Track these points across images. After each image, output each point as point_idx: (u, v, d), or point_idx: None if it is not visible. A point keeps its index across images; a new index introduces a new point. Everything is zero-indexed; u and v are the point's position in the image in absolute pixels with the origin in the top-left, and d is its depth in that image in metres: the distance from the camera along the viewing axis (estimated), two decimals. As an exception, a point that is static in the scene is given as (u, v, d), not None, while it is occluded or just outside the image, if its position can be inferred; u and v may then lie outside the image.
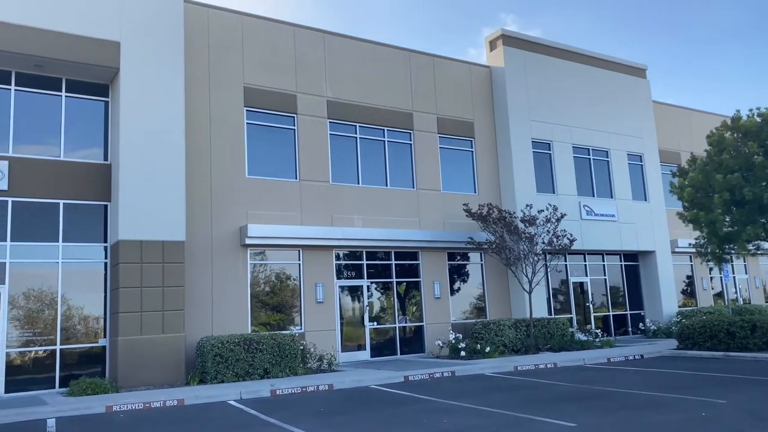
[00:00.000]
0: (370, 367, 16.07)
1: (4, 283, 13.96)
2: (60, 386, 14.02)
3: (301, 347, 16.20)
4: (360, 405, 11.19)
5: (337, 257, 18.63)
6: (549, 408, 9.94)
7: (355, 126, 19.65)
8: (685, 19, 74.07)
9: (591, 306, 23.62)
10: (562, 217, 20.00)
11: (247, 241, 16.70)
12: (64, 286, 14.59)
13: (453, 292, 20.55)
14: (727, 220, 16.63)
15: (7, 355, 13.82)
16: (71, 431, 9.81)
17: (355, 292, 18.90)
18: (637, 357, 17.13)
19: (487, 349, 17.64)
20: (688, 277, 27.01)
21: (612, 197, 24.21)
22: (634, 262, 25.33)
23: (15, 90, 14.79)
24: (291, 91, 18.54)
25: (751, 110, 17.00)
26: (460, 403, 10.71)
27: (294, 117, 18.56)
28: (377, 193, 19.54)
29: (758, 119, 16.56)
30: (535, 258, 19.38)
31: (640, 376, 13.50)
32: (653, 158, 25.70)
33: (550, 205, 20.22)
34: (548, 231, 19.61)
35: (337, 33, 19.89)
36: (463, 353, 17.53)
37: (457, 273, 20.86)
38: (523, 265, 19.49)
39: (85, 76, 15.36)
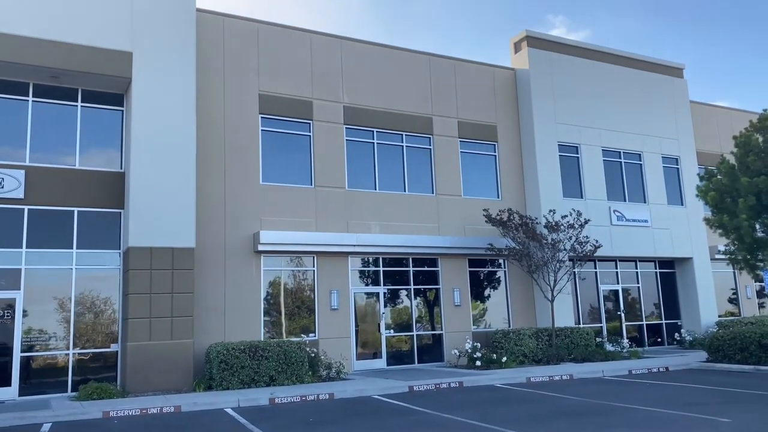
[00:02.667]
0: (381, 376, 15.82)
1: (19, 289, 14.35)
2: (72, 390, 14.28)
3: (313, 354, 16.11)
4: (352, 416, 10.97)
5: (353, 264, 18.46)
6: (539, 424, 9.52)
7: (373, 131, 19.49)
8: (740, 16, 71.22)
9: (623, 315, 22.74)
10: (585, 222, 19.33)
11: (260, 248, 16.71)
12: (78, 292, 14.90)
13: (474, 299, 20.11)
14: (757, 226, 15.68)
15: (22, 359, 14.18)
16: (62, 436, 9.95)
17: (371, 299, 18.70)
18: (661, 369, 16.35)
19: (504, 359, 17.15)
20: (734, 285, 25.75)
21: (645, 202, 23.29)
22: (670, 270, 24.31)
23: (33, 101, 15.22)
24: (307, 97, 18.52)
25: (781, 109, 16.07)
26: (451, 416, 10.37)
27: (310, 123, 18.54)
28: (395, 199, 19.31)
29: (789, 119, 15.64)
30: (558, 265, 18.77)
31: (656, 391, 12.83)
32: (690, 161, 24.63)
33: (574, 210, 19.57)
34: (570, 237, 18.96)
35: (354, 38, 19.79)
36: (478, 363, 17.09)
37: (479, 280, 20.40)
38: (547, 273, 18.92)
39: (100, 87, 15.69)
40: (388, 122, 19.67)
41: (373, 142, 19.48)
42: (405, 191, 19.63)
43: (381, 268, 18.89)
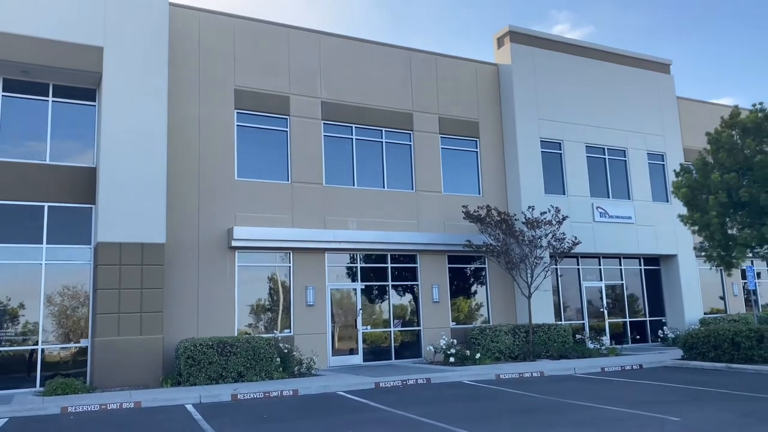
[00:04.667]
0: (353, 372, 15.79)
1: (-13, 284, 14.37)
2: (41, 386, 14.26)
3: (286, 350, 16.09)
4: (305, 413, 10.93)
5: (330, 260, 18.40)
6: (486, 421, 9.47)
7: (351, 127, 19.41)
8: (750, 13, 70.64)
9: (605, 312, 22.62)
10: (563, 219, 19.21)
11: (234, 244, 16.68)
12: (48, 288, 14.88)
13: (453, 296, 20.04)
14: (729, 223, 15.52)
15: (-10, 353, 14.21)
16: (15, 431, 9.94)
17: (347, 295, 18.65)
18: (635, 367, 16.24)
19: (477, 355, 17.08)
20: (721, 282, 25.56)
21: (629, 198, 23.16)
22: (655, 267, 24.19)
23: (2, 95, 15.20)
24: (284, 92, 18.46)
25: (754, 105, 15.85)
26: (402, 413, 10.33)
27: (287, 119, 18.47)
28: (374, 195, 19.24)
29: (760, 115, 15.41)
30: (535, 261, 18.67)
31: (620, 389, 12.76)
32: (677, 157, 24.41)
33: (552, 206, 19.45)
34: (547, 234, 18.84)
35: (332, 33, 19.71)
36: (452, 359, 17.02)
37: (459, 277, 20.32)
38: (524, 269, 18.84)
39: (72, 82, 15.64)
40: (368, 118, 19.58)
41: (352, 138, 19.41)
42: (384, 187, 19.56)
43: (358, 265, 18.83)
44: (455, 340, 18.15)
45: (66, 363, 14.92)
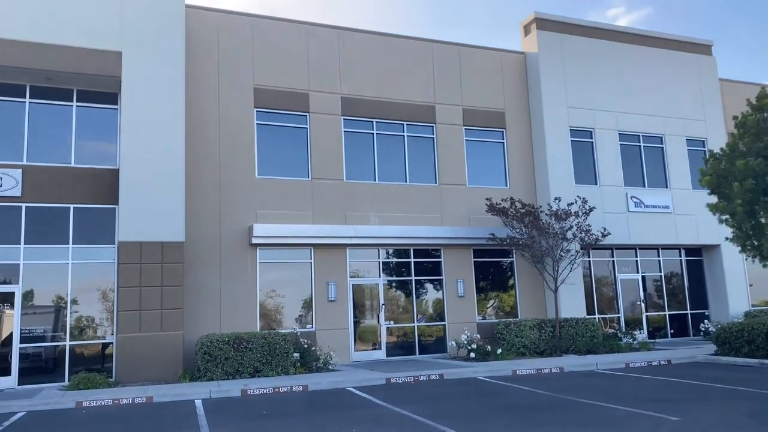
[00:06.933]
0: (373, 368, 15.73)
1: (18, 283, 15.02)
2: (69, 380, 14.85)
3: (306, 346, 16.24)
4: (306, 409, 10.99)
5: (352, 255, 18.40)
6: (480, 419, 9.27)
7: (372, 122, 19.34)
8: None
9: (642, 305, 21.86)
10: (590, 210, 18.64)
11: (254, 241, 16.90)
12: (74, 286, 15.43)
13: (480, 290, 19.74)
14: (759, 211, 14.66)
15: (21, 349, 14.85)
16: (28, 424, 10.35)
17: (370, 290, 18.63)
18: (663, 362, 15.62)
19: (499, 350, 16.79)
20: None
21: (667, 187, 22.28)
22: (697, 257, 23.19)
23: (29, 102, 15.82)
24: (303, 90, 18.54)
25: (786, 86, 14.94)
26: (399, 410, 10.24)
27: (306, 116, 18.55)
28: (396, 190, 19.13)
29: (789, 96, 14.51)
30: (561, 254, 18.19)
31: (636, 386, 12.29)
32: (719, 142, 23.03)
33: (580, 197, 18.89)
34: (572, 225, 18.31)
35: (352, 28, 19.66)
36: (472, 355, 16.78)
37: (485, 271, 20.00)
38: (552, 262, 18.40)
39: (93, 86, 16.14)
40: (389, 112, 19.47)
41: (373, 133, 19.33)
42: (406, 182, 19.42)
43: (380, 260, 18.78)
44: (478, 335, 17.90)
45: (93, 358, 15.43)
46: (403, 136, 19.68)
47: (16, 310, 14.89)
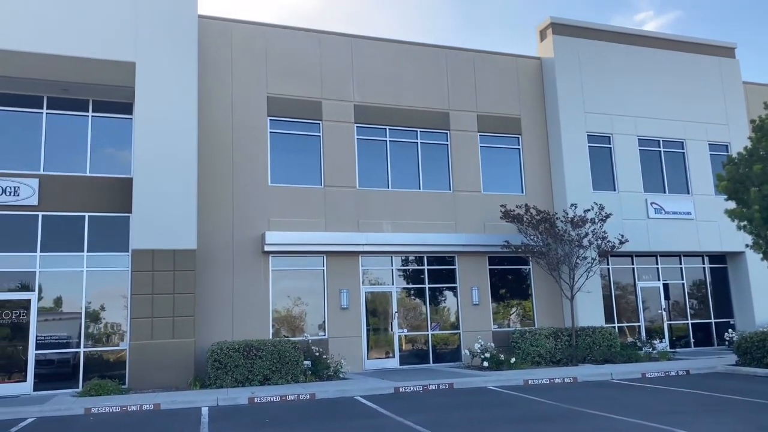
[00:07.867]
0: (384, 376, 15.60)
1: (33, 290, 15.27)
2: (82, 387, 15.02)
3: (317, 354, 16.21)
4: (309, 418, 10.93)
5: (364, 263, 18.35)
6: (486, 431, 9.11)
7: (385, 129, 19.30)
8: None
9: (663, 314, 21.38)
10: (607, 216, 18.31)
11: (267, 249, 16.94)
12: (89, 293, 15.64)
13: (495, 298, 19.51)
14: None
15: (37, 356, 15.07)
16: (35, 431, 10.47)
17: (383, 298, 18.53)
18: (680, 373, 15.23)
19: (513, 360, 16.55)
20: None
21: (688, 193, 21.82)
22: (721, 265, 22.63)
23: (47, 113, 16.13)
24: (316, 98, 18.59)
25: (805, 88, 14.48)
26: (401, 420, 10.12)
27: (319, 123, 18.59)
28: (409, 197, 19.04)
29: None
30: (578, 262, 17.90)
31: (648, 397, 11.98)
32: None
33: (596, 203, 18.58)
34: (588, 232, 18.00)
35: (364, 36, 19.68)
36: (485, 364, 16.56)
37: (501, 279, 19.77)
38: (567, 270, 18.11)
39: (108, 97, 16.39)
40: (402, 119, 19.41)
41: (386, 140, 19.29)
42: (420, 189, 19.32)
43: (393, 267, 18.69)
44: (492, 344, 17.68)
45: (107, 365, 15.59)
46: (417, 143, 19.60)
47: (32, 317, 15.13)
